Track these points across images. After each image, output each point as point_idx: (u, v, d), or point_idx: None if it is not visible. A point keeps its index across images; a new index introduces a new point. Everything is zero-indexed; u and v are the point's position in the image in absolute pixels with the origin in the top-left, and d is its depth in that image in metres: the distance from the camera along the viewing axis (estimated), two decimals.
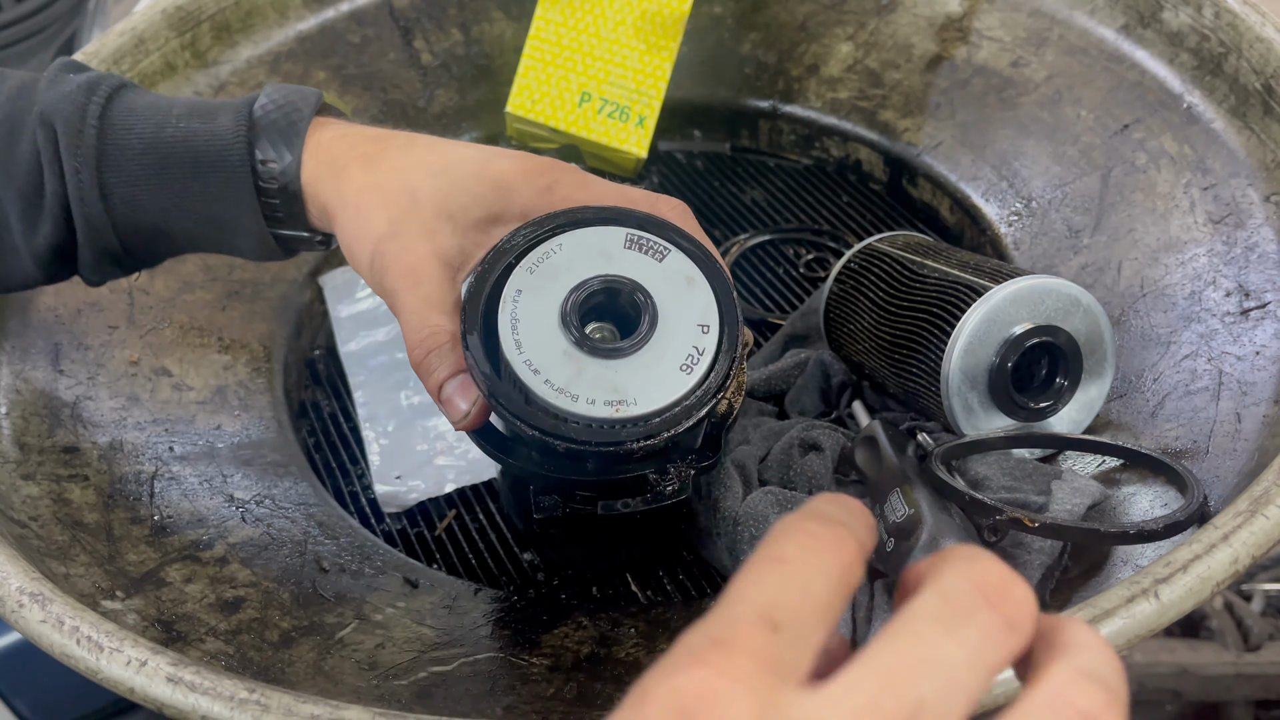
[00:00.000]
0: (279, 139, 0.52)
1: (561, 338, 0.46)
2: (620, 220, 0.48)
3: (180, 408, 0.67)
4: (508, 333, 0.46)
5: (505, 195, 0.50)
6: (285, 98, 0.53)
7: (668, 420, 0.45)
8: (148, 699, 0.43)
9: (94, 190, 0.52)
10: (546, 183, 0.50)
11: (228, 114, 0.53)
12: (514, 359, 0.45)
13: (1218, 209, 0.66)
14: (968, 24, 0.82)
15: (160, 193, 0.53)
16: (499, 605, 0.58)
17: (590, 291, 0.46)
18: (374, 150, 0.51)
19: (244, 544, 0.60)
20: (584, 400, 0.45)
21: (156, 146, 0.52)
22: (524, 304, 0.46)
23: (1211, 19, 0.69)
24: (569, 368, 0.45)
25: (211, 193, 0.53)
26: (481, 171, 0.50)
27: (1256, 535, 0.45)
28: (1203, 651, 0.93)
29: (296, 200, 0.52)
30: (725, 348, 0.47)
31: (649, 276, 0.47)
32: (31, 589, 0.47)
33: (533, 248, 0.47)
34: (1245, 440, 0.54)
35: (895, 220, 0.83)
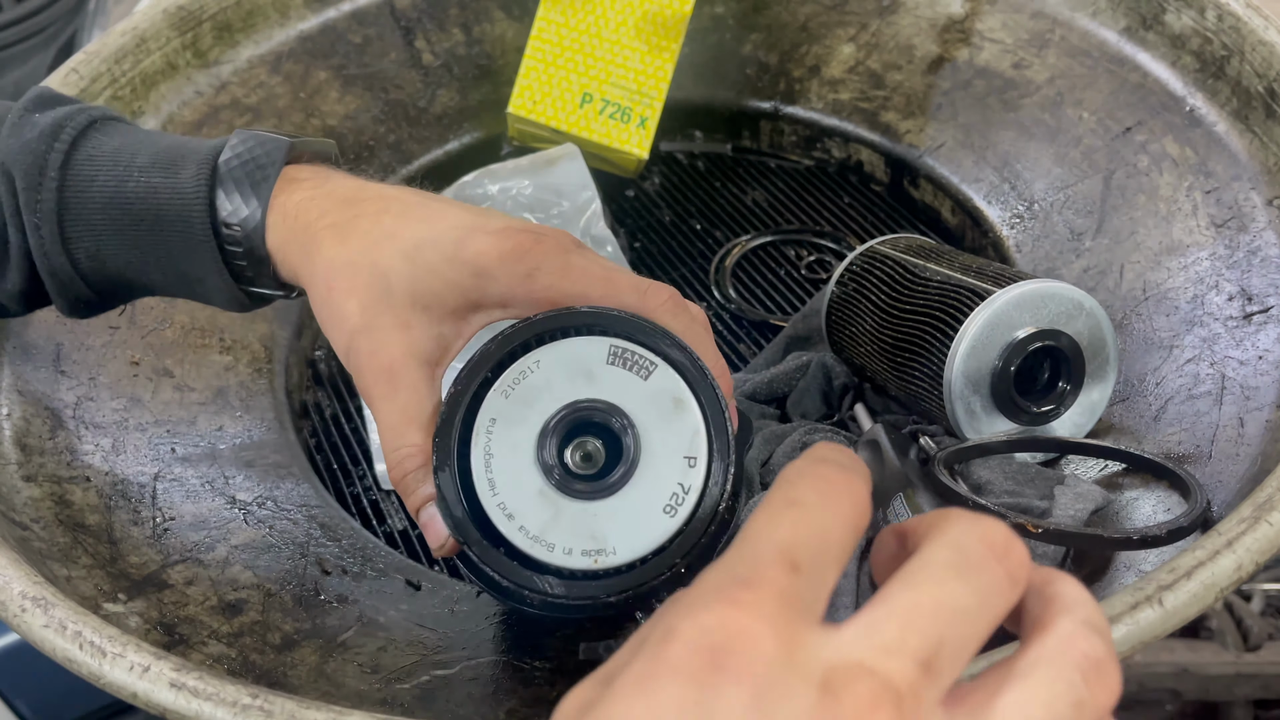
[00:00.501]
0: (243, 197, 0.50)
1: (538, 476, 0.43)
2: (604, 328, 0.44)
3: (182, 409, 0.67)
4: (481, 470, 0.43)
5: (482, 282, 0.46)
6: (251, 151, 0.50)
7: (648, 570, 0.42)
8: (150, 704, 0.43)
9: (56, 245, 0.51)
10: (526, 269, 0.46)
11: (191, 166, 0.50)
12: (487, 502, 0.42)
13: (1220, 212, 0.66)
14: (970, 25, 0.82)
15: (124, 248, 0.51)
16: (501, 608, 0.58)
17: (568, 422, 0.43)
18: (344, 219, 0.48)
19: (246, 546, 0.60)
20: (560, 550, 0.42)
21: (118, 201, 0.50)
22: (498, 436, 0.43)
23: (1214, 22, 0.69)
24: (545, 511, 0.42)
25: (175, 252, 0.51)
26: (456, 254, 0.46)
27: (1260, 541, 0.45)
28: (1202, 651, 0.93)
29: (264, 263, 0.50)
30: (712, 483, 0.43)
31: (633, 399, 0.43)
32: (34, 593, 0.47)
33: (509, 363, 0.44)
34: (1248, 445, 0.54)
35: (897, 222, 0.83)
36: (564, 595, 0.42)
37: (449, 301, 0.47)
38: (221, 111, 0.78)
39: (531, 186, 0.79)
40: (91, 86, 0.72)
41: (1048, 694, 0.26)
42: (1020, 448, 0.58)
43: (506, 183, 0.79)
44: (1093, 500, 0.55)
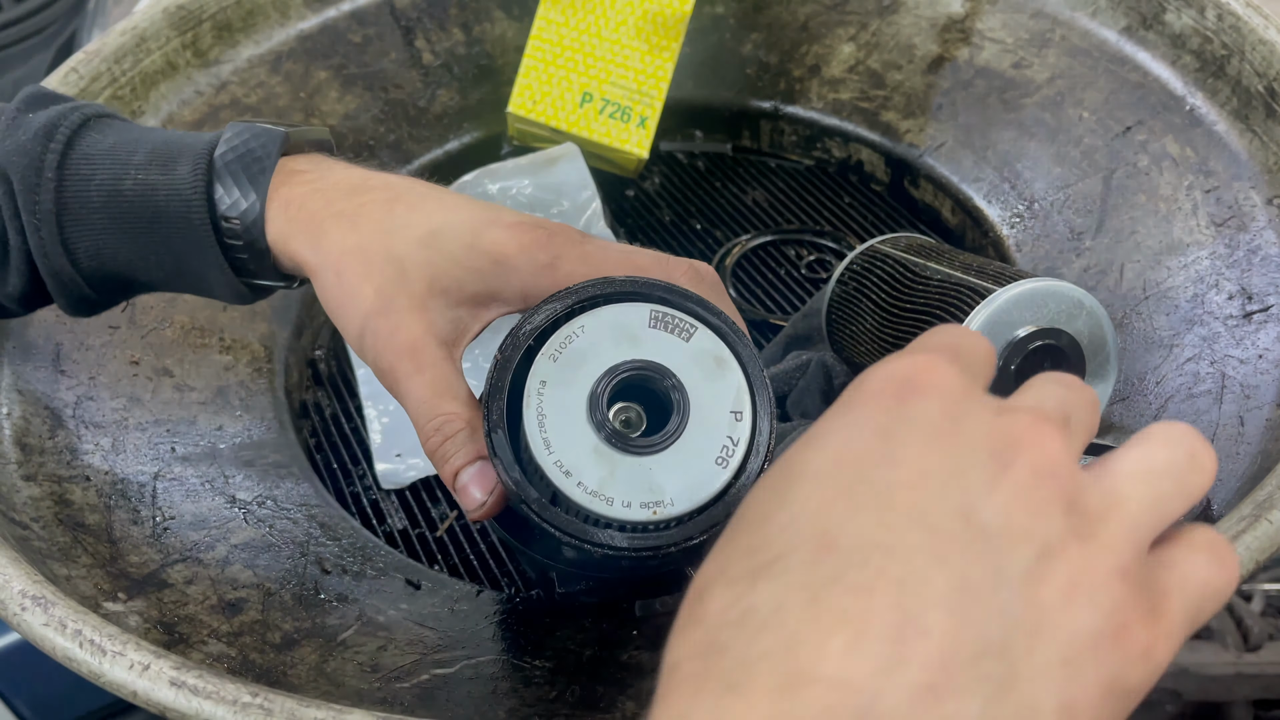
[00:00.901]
0: (241, 190, 0.49)
1: (592, 434, 0.43)
2: (643, 295, 0.45)
3: (182, 408, 0.67)
4: (535, 430, 0.43)
5: (502, 272, 0.46)
6: (246, 143, 0.50)
7: (706, 519, 0.43)
8: (150, 703, 0.43)
9: (56, 246, 0.51)
10: (547, 259, 0.46)
11: (187, 162, 0.50)
12: (544, 460, 0.43)
13: (1220, 212, 0.66)
14: (970, 25, 0.82)
15: (124, 246, 0.51)
16: (501, 607, 0.58)
17: (618, 382, 0.44)
18: (351, 207, 0.48)
19: (246, 545, 0.60)
20: (619, 503, 0.43)
21: (116, 200, 0.50)
22: (549, 397, 0.43)
23: (1214, 21, 0.69)
24: (602, 467, 0.43)
25: (176, 248, 0.51)
26: (474, 243, 0.47)
27: (1260, 540, 0.45)
28: (1202, 651, 0.93)
29: (265, 255, 0.50)
30: (759, 435, 0.45)
31: (677, 359, 0.44)
32: (34, 592, 0.47)
33: (553, 330, 0.45)
34: (1248, 444, 0.54)
35: (897, 222, 0.83)
36: (626, 547, 0.43)
37: (467, 288, 0.47)
38: (221, 111, 0.78)
39: (531, 186, 0.79)
40: (91, 86, 0.72)
41: (1166, 456, 0.30)
42: None
43: (506, 182, 0.79)
44: None
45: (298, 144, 0.52)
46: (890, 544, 0.26)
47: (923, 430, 0.28)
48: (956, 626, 0.25)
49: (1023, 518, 0.27)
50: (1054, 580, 0.27)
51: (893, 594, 0.25)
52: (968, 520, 0.27)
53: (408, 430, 0.70)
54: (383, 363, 0.47)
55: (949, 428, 0.28)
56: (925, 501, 0.27)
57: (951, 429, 0.28)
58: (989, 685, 0.25)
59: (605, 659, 0.54)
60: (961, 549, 0.26)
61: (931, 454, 0.28)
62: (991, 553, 0.26)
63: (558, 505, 0.43)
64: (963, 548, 0.26)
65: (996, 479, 0.27)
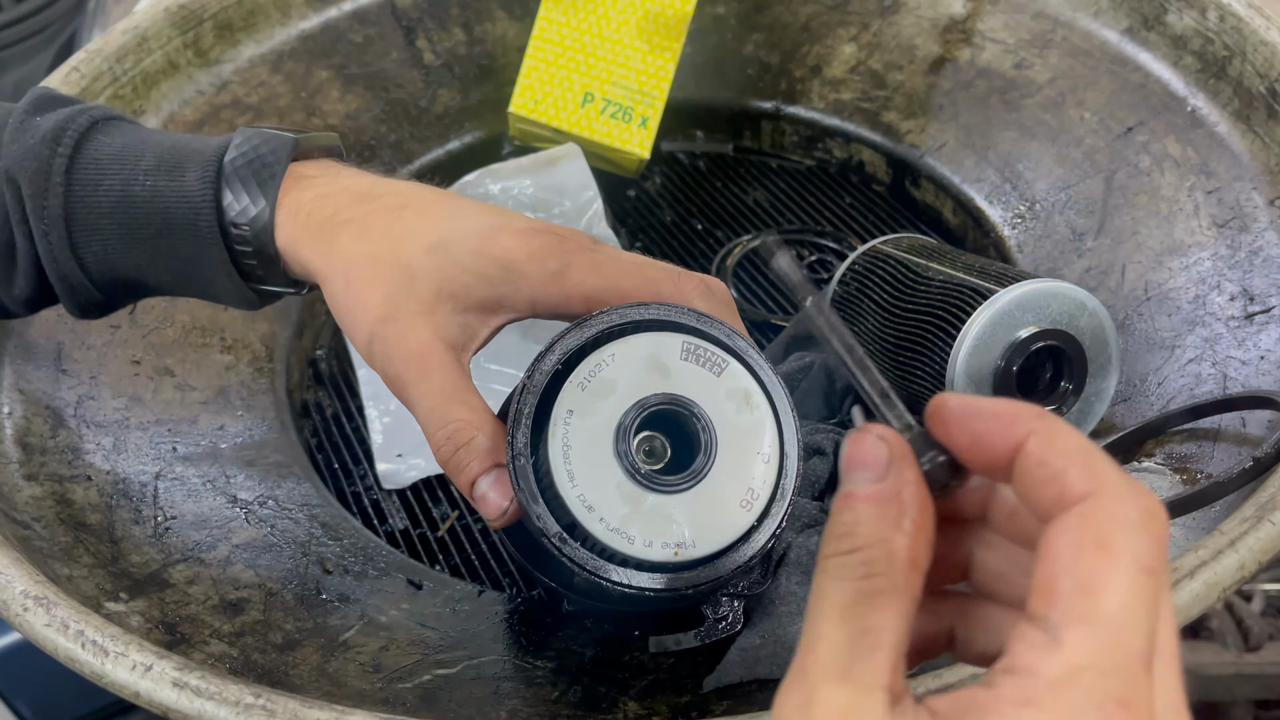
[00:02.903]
0: (251, 196, 0.49)
1: (617, 468, 0.42)
2: (677, 325, 0.44)
3: (183, 408, 0.67)
4: (559, 462, 0.42)
5: (512, 279, 0.46)
6: (256, 149, 0.50)
7: (727, 563, 0.43)
8: (153, 703, 0.43)
9: (65, 250, 0.51)
10: (557, 266, 0.45)
11: (195, 168, 0.50)
12: (567, 493, 0.42)
13: (1222, 213, 0.66)
14: (971, 26, 0.82)
15: (133, 251, 0.51)
16: (502, 608, 0.58)
17: (646, 416, 0.43)
18: (361, 214, 0.48)
19: (247, 545, 0.60)
20: (640, 542, 0.42)
21: (124, 206, 0.50)
22: (575, 427, 0.42)
23: (1216, 22, 0.69)
24: (625, 504, 0.42)
25: (184, 254, 0.50)
26: (483, 249, 0.46)
27: (1263, 541, 0.45)
28: (1203, 652, 0.93)
29: (274, 261, 0.50)
30: (784, 480, 0.44)
31: (707, 394, 0.43)
32: (36, 592, 0.47)
33: (583, 357, 0.43)
34: (1250, 445, 0.54)
35: (898, 222, 0.83)
36: (645, 586, 0.42)
37: (476, 294, 0.46)
38: (222, 110, 0.78)
39: (533, 186, 0.79)
40: (93, 85, 0.72)
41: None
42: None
43: (508, 182, 0.79)
44: None
45: (307, 150, 0.52)
46: None
47: None
48: None
49: None
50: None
51: None
52: None
53: (409, 430, 0.71)
54: (391, 369, 0.46)
55: None
56: None
57: None
58: None
59: (607, 659, 0.54)
60: None
61: None
62: None
63: (577, 539, 0.42)
64: None
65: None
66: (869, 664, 0.27)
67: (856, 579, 0.28)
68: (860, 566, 0.28)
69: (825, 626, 0.27)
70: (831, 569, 0.28)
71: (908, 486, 0.29)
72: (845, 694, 0.26)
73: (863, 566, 0.28)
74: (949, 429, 0.30)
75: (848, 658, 0.27)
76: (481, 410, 0.45)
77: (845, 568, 0.28)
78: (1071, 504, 0.27)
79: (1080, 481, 0.27)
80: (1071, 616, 0.25)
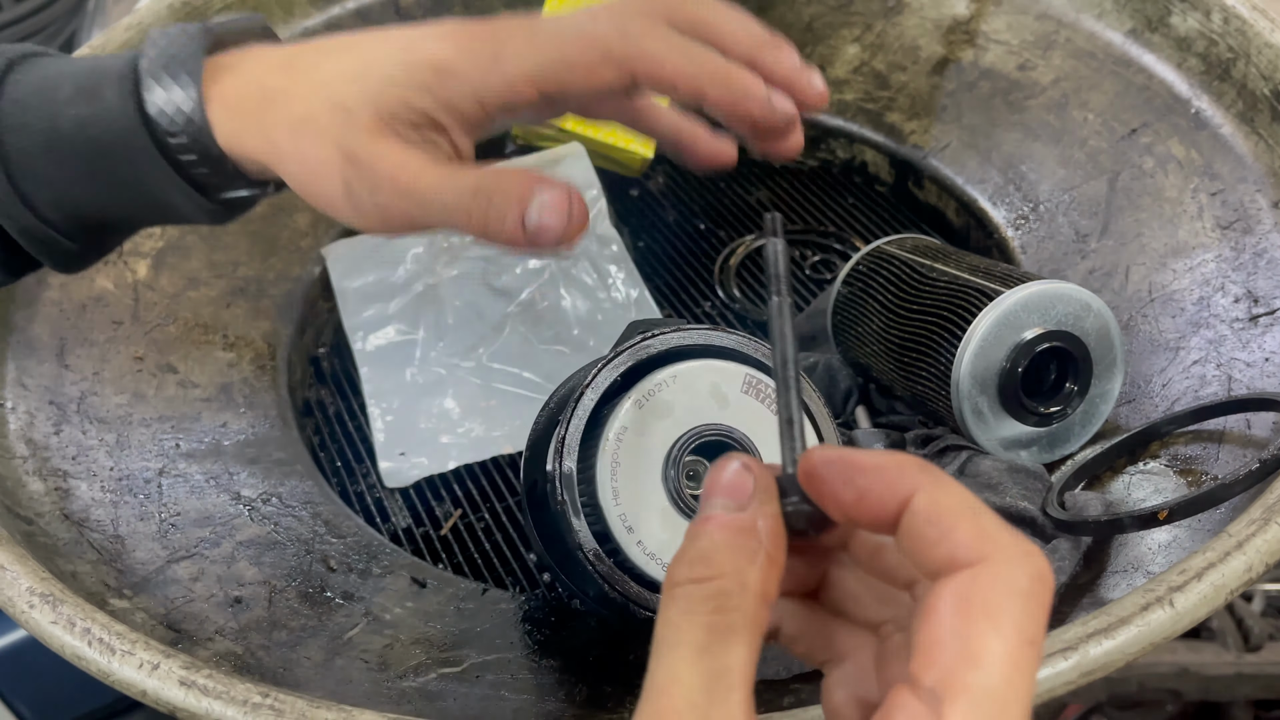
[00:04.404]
0: (176, 99, 0.44)
1: (662, 494, 0.41)
2: (742, 356, 0.43)
3: (186, 405, 0.67)
4: (606, 478, 0.41)
5: (447, 81, 0.42)
6: (167, 51, 0.45)
7: None
8: (160, 702, 0.43)
9: (15, 202, 0.47)
10: (490, 52, 0.42)
11: (112, 86, 0.45)
12: (609, 510, 0.41)
13: (1226, 214, 0.66)
14: (975, 27, 0.82)
15: (81, 187, 0.47)
16: (506, 606, 0.58)
17: (698, 444, 0.42)
18: (286, 83, 0.44)
19: (251, 542, 0.60)
20: None
21: (56, 143, 0.46)
22: (627, 445, 0.41)
23: (1220, 24, 0.69)
24: (666, 530, 0.41)
25: (129, 179, 0.46)
26: (408, 59, 0.42)
27: (1270, 543, 0.45)
28: (1203, 652, 0.93)
29: (223, 163, 0.45)
30: None
31: (760, 429, 0.42)
32: (41, 589, 0.47)
33: (642, 373, 0.42)
34: (1255, 447, 0.55)
35: (901, 223, 0.83)
36: None
37: (416, 105, 0.42)
38: None
39: None
40: None
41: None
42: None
43: None
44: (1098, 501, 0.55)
45: (225, 38, 0.47)
46: None
47: None
48: None
49: None
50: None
51: None
52: None
53: (411, 428, 0.71)
54: (381, 199, 0.42)
55: None
56: None
57: None
58: None
59: (612, 658, 0.54)
60: None
61: None
62: None
63: (612, 557, 0.42)
64: None
65: None
66: (726, 707, 0.26)
67: (709, 613, 0.27)
68: (713, 599, 0.28)
69: (680, 668, 0.27)
70: (682, 599, 0.28)
71: (765, 520, 0.29)
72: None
73: (715, 599, 0.28)
74: (828, 485, 0.29)
75: (705, 702, 0.26)
76: (495, 170, 0.42)
77: (697, 599, 0.28)
78: (961, 567, 0.26)
79: (971, 544, 0.26)
80: (954, 688, 0.25)
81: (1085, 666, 0.42)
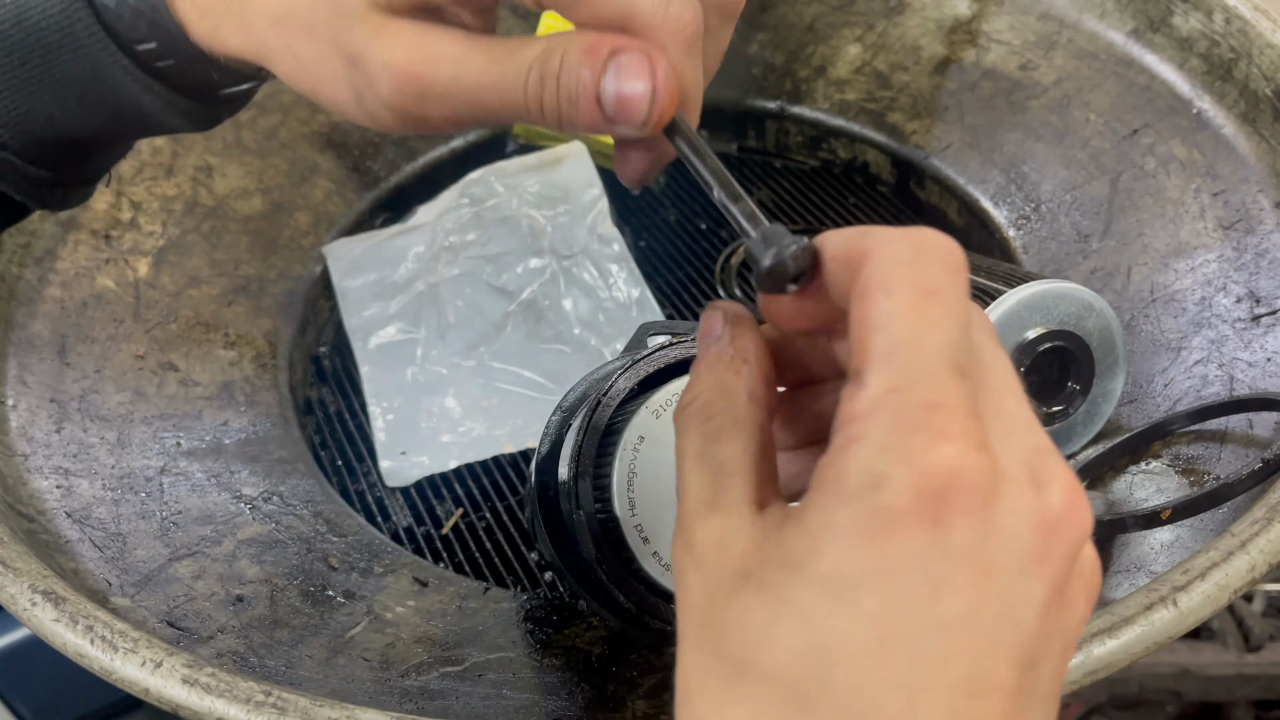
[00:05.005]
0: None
1: (676, 503, 0.42)
2: None
3: (187, 403, 0.67)
4: (623, 488, 0.41)
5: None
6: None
7: None
8: (163, 700, 0.43)
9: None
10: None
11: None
12: (625, 520, 0.41)
13: (1228, 215, 0.66)
14: (976, 27, 0.82)
15: (32, 102, 0.40)
16: (508, 605, 0.58)
17: None
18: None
19: (252, 541, 0.59)
20: None
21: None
22: (644, 455, 0.41)
23: (1222, 24, 0.69)
24: None
25: (84, 80, 0.40)
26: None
27: (1274, 542, 0.45)
28: (1204, 652, 0.93)
29: (192, 55, 0.39)
30: None
31: None
32: (44, 587, 0.46)
33: (661, 381, 0.42)
34: (1258, 447, 0.55)
35: (902, 223, 0.83)
36: None
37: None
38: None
39: (538, 184, 0.79)
40: None
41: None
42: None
43: (512, 180, 0.79)
44: (1101, 500, 0.55)
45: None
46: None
47: (969, 563, 0.25)
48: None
49: (1059, 617, 0.26)
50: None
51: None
52: (1025, 670, 0.25)
53: (412, 427, 0.70)
54: (399, 102, 0.35)
55: (994, 547, 0.25)
56: (979, 661, 0.25)
57: (997, 547, 0.25)
58: None
59: (614, 657, 0.54)
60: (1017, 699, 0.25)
61: (983, 594, 0.25)
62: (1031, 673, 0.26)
63: (627, 568, 0.41)
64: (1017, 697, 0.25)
65: (1047, 604, 0.26)
66: (728, 490, 0.29)
67: (701, 424, 0.30)
68: (701, 412, 0.30)
69: (688, 477, 0.30)
70: (680, 425, 0.31)
71: (740, 338, 0.31)
72: (715, 522, 0.28)
73: (703, 411, 0.30)
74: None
75: (710, 493, 0.29)
76: (552, 35, 0.35)
77: (690, 418, 0.30)
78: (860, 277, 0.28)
79: (860, 252, 0.28)
80: (870, 359, 0.26)
81: (1089, 666, 0.42)
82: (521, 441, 0.70)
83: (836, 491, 0.25)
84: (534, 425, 0.70)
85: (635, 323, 0.74)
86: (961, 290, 0.27)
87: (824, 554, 0.25)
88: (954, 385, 0.25)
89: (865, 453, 0.25)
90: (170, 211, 0.74)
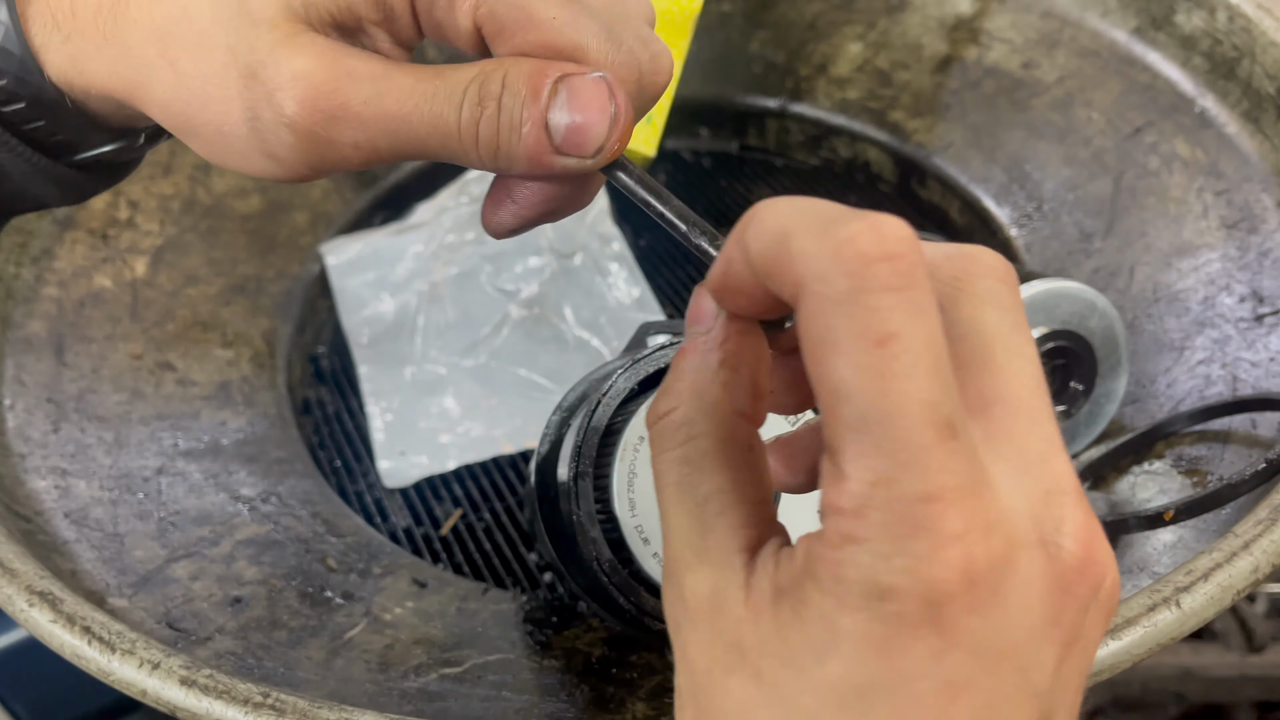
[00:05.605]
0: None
1: None
2: None
3: (184, 403, 0.67)
4: (622, 488, 0.40)
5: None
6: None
7: None
8: (160, 701, 0.42)
9: None
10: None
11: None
12: (625, 520, 0.40)
13: (1231, 214, 0.66)
14: (978, 25, 0.81)
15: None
16: (508, 606, 0.58)
17: None
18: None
19: (250, 541, 0.59)
20: None
21: None
22: (644, 455, 0.40)
23: (1225, 23, 0.69)
24: None
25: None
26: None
27: (1277, 543, 0.45)
28: (1206, 653, 0.93)
29: (62, 107, 0.33)
30: None
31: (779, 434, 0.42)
32: (41, 587, 0.46)
33: (659, 383, 0.42)
34: (1261, 447, 0.54)
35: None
36: None
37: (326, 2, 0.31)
38: None
39: None
40: None
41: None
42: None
43: None
44: (1103, 501, 0.54)
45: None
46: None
47: (983, 656, 0.23)
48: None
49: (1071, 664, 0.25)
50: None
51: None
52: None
53: (410, 428, 0.70)
54: (316, 106, 0.29)
55: (1007, 630, 0.23)
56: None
57: (1010, 629, 0.23)
58: None
59: (615, 659, 0.53)
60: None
61: (999, 681, 0.23)
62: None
63: (627, 569, 0.41)
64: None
65: (1060, 659, 0.24)
66: (716, 533, 0.26)
67: (679, 445, 0.27)
68: (680, 429, 0.27)
69: (670, 511, 0.27)
70: (656, 439, 0.27)
71: (731, 336, 0.27)
72: (705, 575, 0.26)
73: (682, 429, 0.27)
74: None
75: (696, 535, 0.26)
76: (490, 61, 0.31)
77: (667, 435, 0.27)
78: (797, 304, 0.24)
79: (792, 276, 0.24)
80: (842, 435, 0.23)
81: (1091, 668, 0.42)
82: (521, 442, 0.69)
83: (839, 596, 0.23)
84: (533, 425, 0.70)
85: (635, 322, 0.74)
86: (921, 316, 0.23)
87: (827, 661, 0.23)
88: (945, 459, 0.22)
89: (866, 559, 0.23)
90: (168, 210, 0.74)
